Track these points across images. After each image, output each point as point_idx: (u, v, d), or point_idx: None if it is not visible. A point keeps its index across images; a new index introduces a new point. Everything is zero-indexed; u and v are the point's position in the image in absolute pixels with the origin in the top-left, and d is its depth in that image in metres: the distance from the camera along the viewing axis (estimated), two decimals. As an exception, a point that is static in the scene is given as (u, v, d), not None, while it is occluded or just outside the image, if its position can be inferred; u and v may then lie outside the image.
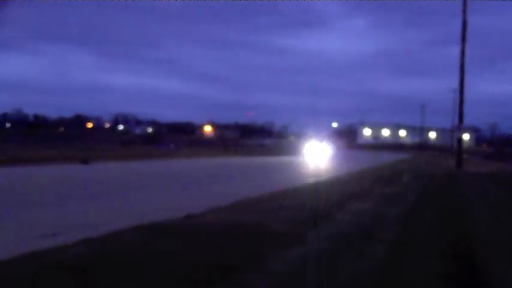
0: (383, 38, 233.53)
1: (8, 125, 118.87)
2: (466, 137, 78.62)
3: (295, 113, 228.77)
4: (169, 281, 6.44)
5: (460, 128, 40.73)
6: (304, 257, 8.02)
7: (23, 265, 6.98)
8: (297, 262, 7.68)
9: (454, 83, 42.42)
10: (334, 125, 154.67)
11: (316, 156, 47.29)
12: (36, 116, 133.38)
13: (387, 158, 59.35)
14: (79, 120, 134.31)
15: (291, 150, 52.11)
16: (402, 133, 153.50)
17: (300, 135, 57.57)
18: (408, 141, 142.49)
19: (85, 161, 31.04)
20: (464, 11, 38.70)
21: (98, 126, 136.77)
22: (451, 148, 75.32)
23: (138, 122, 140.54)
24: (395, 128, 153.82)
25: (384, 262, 8.05)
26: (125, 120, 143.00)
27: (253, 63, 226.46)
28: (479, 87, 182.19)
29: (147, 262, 7.25)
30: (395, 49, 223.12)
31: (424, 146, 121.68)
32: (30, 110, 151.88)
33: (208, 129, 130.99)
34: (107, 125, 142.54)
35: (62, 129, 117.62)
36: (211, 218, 11.50)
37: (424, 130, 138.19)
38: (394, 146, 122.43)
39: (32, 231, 9.86)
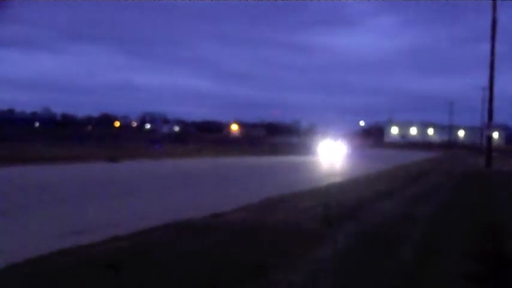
0: (411, 35, 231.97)
1: (36, 124, 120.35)
2: (495, 135, 77.59)
3: (322, 112, 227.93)
4: (196, 279, 6.44)
5: (490, 126, 40.13)
6: (330, 256, 7.98)
7: (55, 262, 7.04)
8: (323, 262, 7.63)
9: (483, 80, 41.94)
10: (362, 123, 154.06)
11: (336, 155, 46.13)
12: (64, 115, 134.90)
13: (415, 156, 58.78)
14: (107, 119, 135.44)
15: (314, 149, 50.16)
16: (430, 131, 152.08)
17: (325, 134, 55.52)
18: (436, 139, 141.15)
19: (113, 159, 31.27)
20: (494, 9, 38.17)
21: (126, 125, 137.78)
22: (480, 146, 74.36)
23: (166, 121, 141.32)
24: (423, 126, 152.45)
25: (411, 263, 7.96)
26: (152, 119, 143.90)
27: (281, 62, 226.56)
28: (510, 84, 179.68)
29: (174, 260, 7.26)
30: (424, 47, 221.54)
31: (452, 145, 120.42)
32: (58, 109, 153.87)
33: (234, 127, 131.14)
34: (134, 124, 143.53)
35: (89, 128, 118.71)
36: (237, 216, 11.50)
37: (452, 128, 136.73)
38: (422, 144, 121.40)
39: (63, 228, 9.95)
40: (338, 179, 23.44)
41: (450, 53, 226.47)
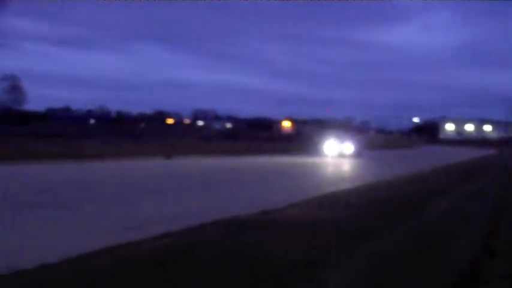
0: (466, 30, 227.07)
1: (92, 121, 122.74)
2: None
3: (375, 108, 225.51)
4: (247, 276, 6.45)
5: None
6: (384, 252, 7.89)
7: (105, 257, 7.17)
8: (375, 258, 7.55)
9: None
10: (416, 120, 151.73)
11: (349, 155, 40.93)
12: (119, 112, 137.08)
13: (472, 153, 57.47)
14: (160, 116, 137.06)
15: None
16: (487, 128, 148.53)
17: (382, 131, 50.68)
18: (494, 136, 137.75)
19: (167, 156, 31.67)
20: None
21: (178, 121, 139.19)
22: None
23: (217, 118, 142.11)
24: (479, 122, 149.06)
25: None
26: (204, 116, 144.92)
27: (333, 58, 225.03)
28: None
29: (223, 258, 7.29)
30: (480, 41, 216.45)
31: (510, 141, 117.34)
32: (113, 107, 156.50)
33: (286, 124, 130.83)
34: (187, 121, 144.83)
35: (143, 125, 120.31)
36: (286, 214, 11.51)
37: (510, 125, 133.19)
38: (479, 141, 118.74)
39: (117, 223, 10.10)
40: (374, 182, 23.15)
41: (507, 47, 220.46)
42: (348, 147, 42.49)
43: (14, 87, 74.75)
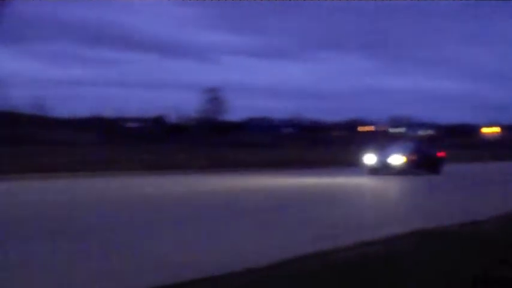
0: None
1: (288, 130, 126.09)
2: None
3: None
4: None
5: None
6: None
7: (305, 264, 7.24)
8: None
9: None
10: None
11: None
12: (313, 121, 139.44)
13: None
14: (354, 124, 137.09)
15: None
16: None
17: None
18: None
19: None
20: None
21: (373, 129, 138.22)
22: None
23: (415, 125, 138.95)
24: None
25: None
26: (401, 123, 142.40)
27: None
28: None
29: (425, 268, 7.02)
30: None
31: None
32: (309, 115, 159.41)
33: (489, 130, 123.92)
34: (382, 128, 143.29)
35: (337, 133, 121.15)
36: (490, 227, 10.83)
37: None
38: None
39: (310, 232, 10.18)
40: None
41: None
42: (397, 159, 31.47)
43: (215, 99, 79.60)
